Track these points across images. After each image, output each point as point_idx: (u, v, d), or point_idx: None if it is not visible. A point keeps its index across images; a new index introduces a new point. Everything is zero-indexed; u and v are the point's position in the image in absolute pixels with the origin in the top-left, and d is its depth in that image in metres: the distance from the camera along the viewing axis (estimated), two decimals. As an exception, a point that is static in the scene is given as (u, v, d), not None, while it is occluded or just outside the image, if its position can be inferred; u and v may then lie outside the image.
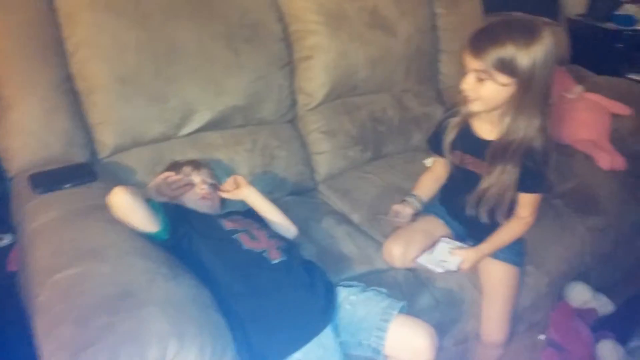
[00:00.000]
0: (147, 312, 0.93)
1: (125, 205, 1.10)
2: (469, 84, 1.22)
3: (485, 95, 1.22)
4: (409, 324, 1.19)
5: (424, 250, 1.42)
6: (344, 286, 1.25)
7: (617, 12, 2.71)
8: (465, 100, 1.28)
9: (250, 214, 1.39)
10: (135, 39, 1.44)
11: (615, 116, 2.13)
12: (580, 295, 1.73)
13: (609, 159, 1.95)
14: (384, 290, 1.25)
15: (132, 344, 0.88)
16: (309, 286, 1.19)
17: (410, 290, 1.40)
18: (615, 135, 2.09)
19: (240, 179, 1.40)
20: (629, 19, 2.64)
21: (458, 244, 1.42)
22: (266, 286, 1.15)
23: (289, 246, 1.28)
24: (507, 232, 1.41)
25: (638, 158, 2.01)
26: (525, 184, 1.32)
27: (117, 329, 0.89)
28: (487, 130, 1.33)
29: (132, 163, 1.49)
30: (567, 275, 1.70)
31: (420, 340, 1.17)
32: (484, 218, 1.37)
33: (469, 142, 1.36)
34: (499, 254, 1.43)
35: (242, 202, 1.41)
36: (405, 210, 1.46)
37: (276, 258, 1.20)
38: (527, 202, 1.36)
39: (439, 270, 1.37)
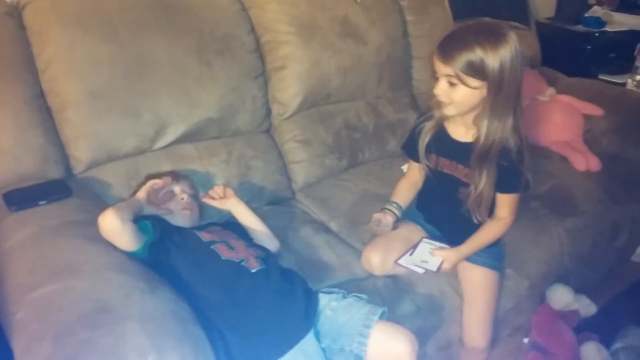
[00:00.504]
0: (126, 327, 0.93)
1: (115, 230, 1.12)
2: (441, 89, 1.24)
3: (458, 99, 1.24)
4: (389, 331, 1.19)
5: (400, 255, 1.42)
6: (325, 293, 1.25)
7: (585, 15, 2.77)
8: (438, 105, 1.31)
9: (228, 225, 1.39)
10: (107, 54, 1.44)
11: (588, 117, 2.16)
12: (561, 297, 1.74)
13: (584, 160, 1.98)
14: (364, 296, 1.26)
15: (112, 359, 0.87)
16: (288, 293, 1.19)
17: (390, 297, 1.40)
18: (589, 136, 2.14)
19: (229, 189, 1.41)
20: (597, 21, 2.70)
21: (439, 244, 1.42)
22: (246, 295, 1.15)
23: (267, 255, 1.28)
24: (487, 233, 1.42)
25: (612, 158, 2.04)
26: (503, 184, 1.33)
27: (96, 345, 0.89)
28: (461, 132, 1.35)
29: (107, 178, 1.48)
30: (547, 278, 1.71)
31: (402, 347, 1.17)
32: (463, 220, 1.38)
33: (443, 145, 1.38)
34: (477, 259, 1.44)
35: (220, 215, 1.41)
36: (386, 218, 1.46)
37: (255, 267, 1.20)
38: (505, 203, 1.37)
39: (420, 270, 1.37)
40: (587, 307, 1.80)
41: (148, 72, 1.49)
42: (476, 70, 1.19)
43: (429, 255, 1.39)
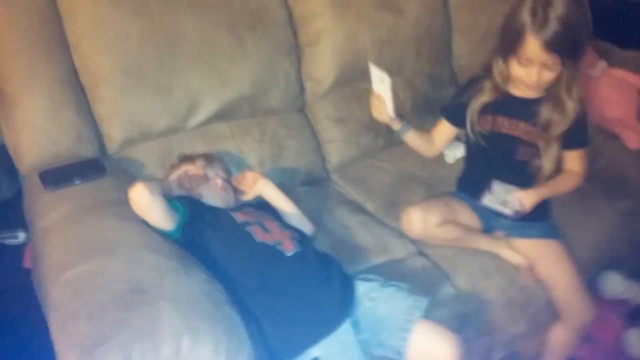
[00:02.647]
0: (160, 307, 0.92)
1: (144, 201, 1.12)
2: (534, 76, 1.22)
3: (546, 82, 1.24)
4: (433, 332, 1.15)
5: (444, 219, 1.35)
6: (363, 280, 1.21)
7: (641, -18, 2.60)
8: (505, 81, 1.30)
9: (262, 206, 1.36)
10: (137, 29, 1.41)
11: (642, 92, 2.04)
12: (613, 286, 1.68)
13: (637, 138, 1.87)
14: (404, 285, 1.21)
15: (146, 340, 0.87)
16: (325, 279, 1.15)
17: (429, 280, 1.36)
18: (644, 113, 2.01)
19: (254, 174, 1.38)
20: (654, -10, 2.53)
21: (510, 186, 1.35)
22: (281, 280, 1.12)
23: (302, 237, 1.25)
24: (565, 183, 1.39)
25: (668, 135, 1.92)
26: (572, 140, 1.33)
27: (130, 325, 0.89)
28: (524, 90, 1.31)
29: (141, 157, 1.47)
30: (597, 263, 1.63)
31: (444, 349, 1.13)
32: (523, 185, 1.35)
33: (503, 103, 1.33)
34: (536, 232, 1.40)
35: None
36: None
37: (290, 249, 1.17)
38: (576, 158, 1.38)
39: (507, 211, 1.32)
40: (638, 294, 1.72)
41: (179, 48, 1.46)
42: (574, 50, 1.19)
43: (507, 196, 1.33)
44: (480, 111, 1.35)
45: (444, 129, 1.47)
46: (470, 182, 1.47)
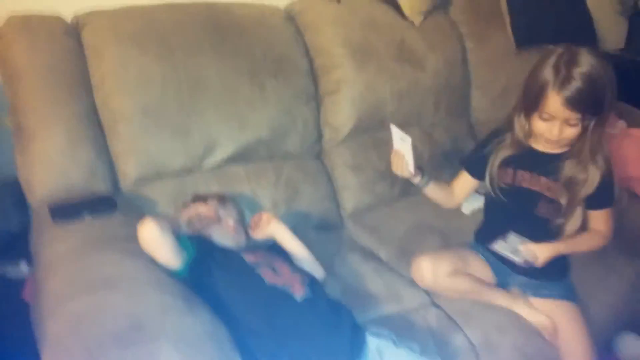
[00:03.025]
0: (159, 346, 0.89)
1: (153, 237, 1.11)
2: (556, 133, 1.21)
3: (568, 138, 1.23)
4: None
5: (455, 269, 1.32)
6: (375, 335, 1.15)
7: (658, 46, 2.62)
8: (528, 136, 1.30)
9: (273, 249, 1.33)
10: (160, 73, 1.45)
11: (662, 151, 2.01)
12: (632, 348, 1.58)
13: (656, 197, 1.81)
14: (417, 347, 1.15)
15: None
16: (334, 327, 1.11)
17: (442, 332, 1.30)
18: (664, 172, 1.98)
19: (268, 215, 1.37)
20: (670, 53, 2.54)
21: (526, 239, 1.32)
22: (289, 325, 1.08)
23: (313, 282, 1.21)
24: (586, 240, 1.35)
25: (689, 196, 1.88)
26: (598, 199, 1.30)
27: None
28: (548, 146, 1.30)
29: (154, 195, 1.48)
30: (615, 323, 1.55)
31: None
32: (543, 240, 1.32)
33: (525, 157, 1.32)
34: (552, 293, 1.35)
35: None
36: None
37: (300, 293, 1.13)
38: (602, 218, 1.34)
39: (517, 259, 1.28)
40: (657, 357, 1.64)
41: (199, 92, 1.49)
42: (598, 107, 1.18)
43: (520, 247, 1.30)
44: (501, 164, 1.34)
45: (465, 181, 1.46)
46: (488, 235, 1.43)
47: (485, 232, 1.46)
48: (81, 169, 1.39)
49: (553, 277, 1.37)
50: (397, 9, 1.83)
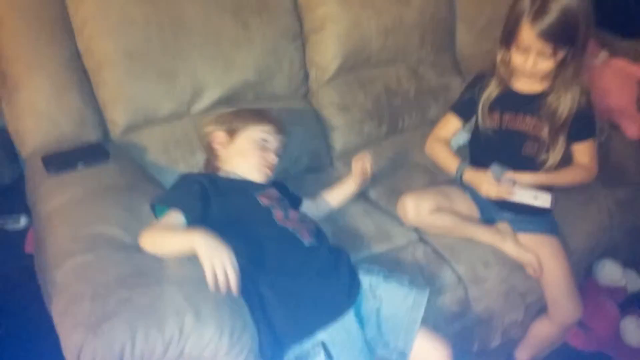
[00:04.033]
0: (163, 288, 0.93)
1: (156, 249, 1.04)
2: (532, 65, 1.24)
3: (544, 70, 1.25)
4: (427, 339, 1.17)
5: (438, 206, 1.37)
6: (366, 272, 1.21)
7: (642, -28, 2.59)
8: (508, 73, 1.32)
9: (282, 189, 1.34)
10: (142, 14, 1.40)
11: (642, 82, 2.04)
12: (609, 273, 1.69)
13: (637, 128, 1.88)
14: (406, 279, 1.21)
15: (150, 316, 0.89)
16: (334, 270, 1.16)
17: (430, 268, 1.37)
18: (643, 103, 2.02)
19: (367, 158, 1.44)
20: (655, -21, 2.52)
21: (508, 169, 1.35)
22: (296, 265, 1.12)
23: (319, 232, 1.24)
24: (569, 173, 1.39)
25: (667, 126, 1.93)
26: (579, 131, 1.34)
27: (135, 303, 0.90)
28: (529, 84, 1.33)
29: (144, 142, 1.47)
30: (594, 251, 1.65)
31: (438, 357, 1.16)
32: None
33: (508, 100, 1.35)
34: (533, 227, 1.40)
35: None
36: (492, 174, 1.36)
37: (307, 240, 1.17)
38: (585, 151, 1.38)
39: (537, 202, 1.31)
40: (634, 282, 1.76)
41: (183, 33, 1.45)
42: (571, 40, 1.20)
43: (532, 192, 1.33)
44: (488, 108, 1.37)
45: (451, 124, 1.49)
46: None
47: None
48: (70, 118, 1.37)
49: (537, 212, 1.42)
50: (383, -59, 1.77)
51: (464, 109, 1.46)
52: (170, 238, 1.04)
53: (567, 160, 1.41)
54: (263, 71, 1.59)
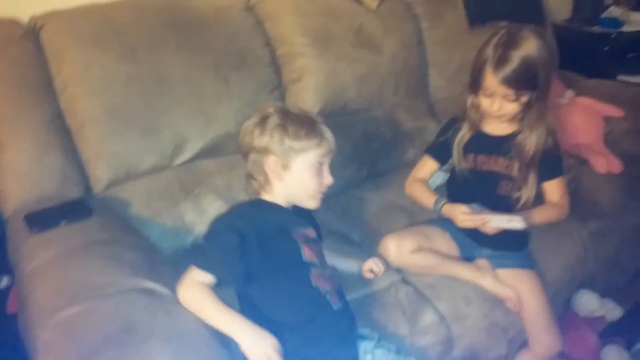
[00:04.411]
0: (150, 345, 0.92)
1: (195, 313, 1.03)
2: (498, 107, 1.31)
3: (511, 112, 1.32)
4: None
5: (419, 246, 1.41)
6: (360, 338, 1.18)
7: (602, 15, 2.74)
8: (479, 115, 1.39)
9: (312, 221, 1.24)
10: (123, 72, 1.45)
11: (608, 119, 2.12)
12: (587, 304, 1.72)
13: (605, 162, 1.95)
14: (393, 347, 1.21)
15: None
16: (351, 335, 1.15)
17: (412, 308, 1.38)
18: (610, 138, 2.09)
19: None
20: (614, 22, 2.66)
21: (486, 209, 1.39)
22: (323, 331, 1.09)
23: (341, 288, 1.18)
24: (543, 211, 1.43)
25: (634, 160, 2.00)
26: (548, 171, 1.40)
27: None
28: (499, 127, 1.40)
29: (127, 196, 1.48)
30: (572, 283, 1.68)
31: None
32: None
33: (481, 142, 1.42)
34: (511, 262, 1.44)
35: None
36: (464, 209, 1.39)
37: (336, 303, 1.12)
38: (555, 189, 1.44)
39: (515, 224, 1.33)
40: (612, 311, 1.79)
41: (165, 89, 1.50)
42: (532, 85, 1.27)
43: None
44: (462, 151, 1.44)
45: (428, 166, 1.55)
46: None
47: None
48: (53, 177, 1.38)
49: (514, 248, 1.47)
50: (354, -5, 1.86)
51: (439, 151, 1.51)
52: (212, 317, 1.02)
53: (540, 198, 1.46)
54: (243, 122, 1.62)
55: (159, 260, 1.25)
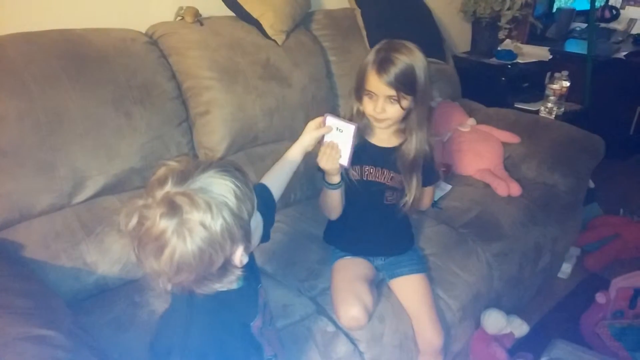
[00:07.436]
0: None
1: None
2: (382, 109, 1.35)
3: (392, 116, 1.37)
4: None
5: (375, 300, 1.45)
6: None
7: (498, 48, 2.95)
8: (365, 121, 1.43)
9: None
10: (15, 109, 1.37)
11: (506, 144, 2.27)
12: (495, 322, 1.79)
13: (505, 186, 2.06)
14: None
15: None
16: None
17: (325, 341, 1.39)
18: (509, 163, 2.24)
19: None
20: (509, 54, 2.88)
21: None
22: None
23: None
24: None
25: (531, 183, 2.15)
26: (427, 178, 1.49)
27: None
28: (384, 139, 1.45)
29: (21, 238, 1.39)
30: (478, 300, 1.75)
31: None
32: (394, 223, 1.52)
33: (367, 153, 1.44)
34: (405, 270, 1.54)
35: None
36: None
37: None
38: (428, 193, 1.57)
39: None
40: (520, 327, 1.87)
41: (61, 125, 1.43)
42: (412, 88, 1.33)
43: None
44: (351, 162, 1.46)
45: None
46: (349, 228, 1.54)
47: (339, 229, 1.56)
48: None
49: (404, 248, 1.59)
50: (260, 29, 1.89)
51: None
52: None
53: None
54: (149, 157, 1.59)
55: (53, 305, 1.18)
